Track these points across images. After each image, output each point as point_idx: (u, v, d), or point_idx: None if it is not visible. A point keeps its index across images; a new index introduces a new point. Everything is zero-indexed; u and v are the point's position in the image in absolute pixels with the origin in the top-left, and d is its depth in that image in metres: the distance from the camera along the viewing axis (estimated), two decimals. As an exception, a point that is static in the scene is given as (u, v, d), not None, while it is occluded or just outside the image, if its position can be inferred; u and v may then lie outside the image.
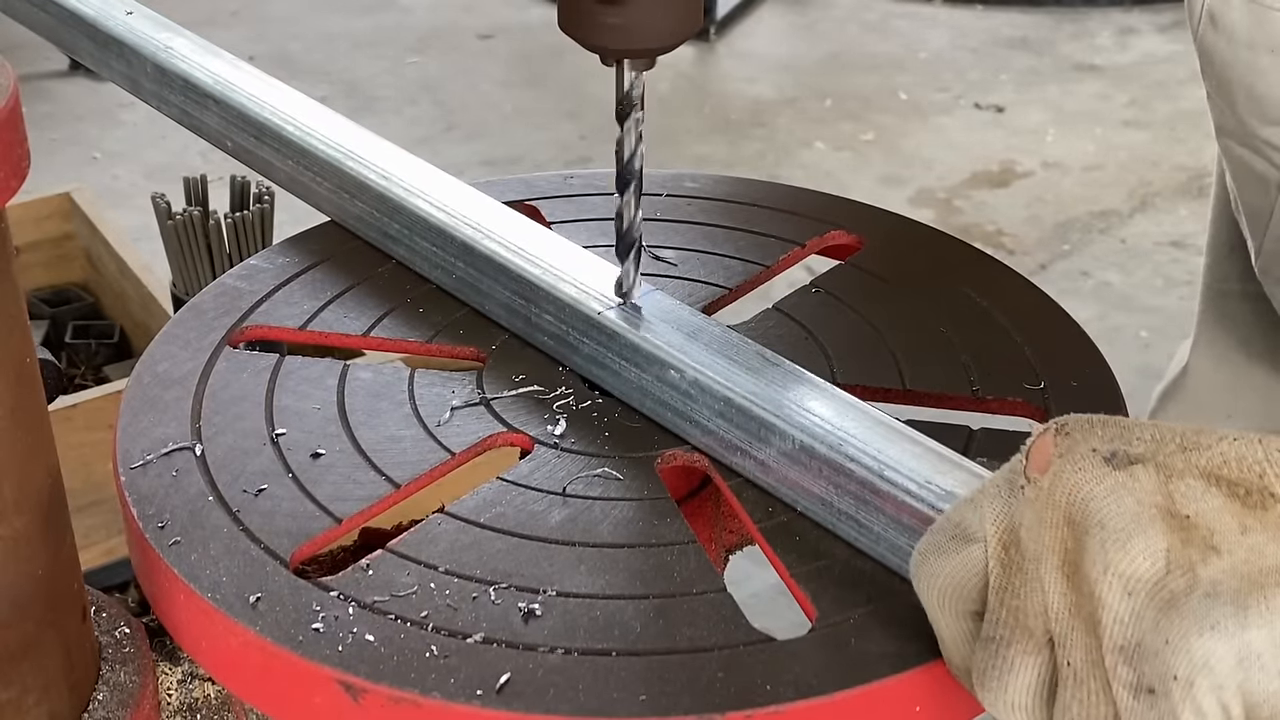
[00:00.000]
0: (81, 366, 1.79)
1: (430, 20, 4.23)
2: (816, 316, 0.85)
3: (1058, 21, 4.22)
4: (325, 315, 0.85)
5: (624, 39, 0.71)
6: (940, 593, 0.57)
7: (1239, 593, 0.49)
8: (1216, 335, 1.32)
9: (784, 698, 0.58)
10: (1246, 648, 0.48)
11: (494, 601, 0.64)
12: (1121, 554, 0.51)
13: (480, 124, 3.60)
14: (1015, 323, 0.84)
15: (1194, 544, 0.50)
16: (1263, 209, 1.09)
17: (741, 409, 0.71)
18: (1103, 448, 0.53)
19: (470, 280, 0.85)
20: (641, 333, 0.76)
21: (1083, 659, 0.52)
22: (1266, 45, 1.00)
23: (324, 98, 1.01)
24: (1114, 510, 0.51)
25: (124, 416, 0.76)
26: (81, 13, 1.08)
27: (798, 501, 0.69)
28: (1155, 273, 2.96)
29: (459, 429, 0.75)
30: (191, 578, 0.65)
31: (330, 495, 0.70)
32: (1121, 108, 3.70)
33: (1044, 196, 3.26)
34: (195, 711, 0.77)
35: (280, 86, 0.98)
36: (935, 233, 0.95)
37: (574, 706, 0.58)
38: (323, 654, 0.60)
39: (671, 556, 0.67)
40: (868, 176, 3.34)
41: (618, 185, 0.76)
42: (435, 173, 0.90)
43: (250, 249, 1.53)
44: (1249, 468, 0.52)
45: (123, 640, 0.74)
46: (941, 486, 0.64)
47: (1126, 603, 0.50)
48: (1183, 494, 0.51)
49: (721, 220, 0.95)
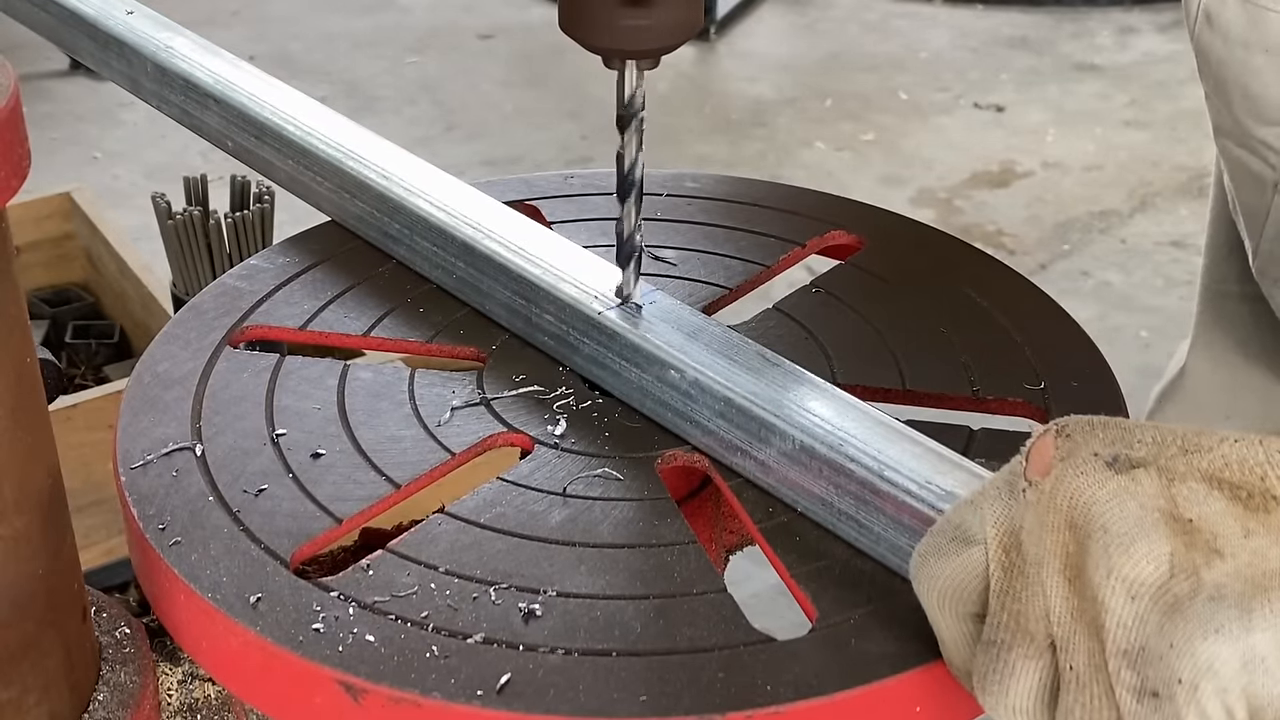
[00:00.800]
0: (81, 366, 1.79)
1: (430, 20, 4.23)
2: (816, 316, 0.85)
3: (1058, 21, 4.22)
4: (325, 315, 0.85)
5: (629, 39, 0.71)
6: (940, 595, 0.57)
7: (1243, 596, 0.49)
8: (1215, 336, 1.32)
9: (784, 698, 0.58)
10: (1251, 651, 0.48)
11: (494, 602, 0.64)
12: (1125, 558, 0.51)
13: (480, 124, 3.60)
14: (1015, 323, 0.84)
15: (1197, 548, 0.50)
16: (1259, 209, 1.09)
17: (742, 409, 0.71)
18: (1104, 451, 0.53)
19: (470, 280, 0.85)
20: (642, 333, 0.76)
21: (1085, 663, 0.52)
22: (1261, 45, 1.00)
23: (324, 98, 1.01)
24: (1117, 514, 0.51)
25: (124, 416, 0.76)
26: (82, 12, 1.08)
27: (798, 502, 0.69)
28: (1155, 273, 2.96)
29: (459, 429, 0.75)
30: (192, 578, 0.65)
31: (330, 495, 0.70)
32: (1122, 107, 3.70)
33: (1044, 196, 3.26)
34: (195, 712, 0.77)
35: (281, 86, 0.98)
36: (935, 233, 0.95)
37: (574, 707, 0.58)
38: (323, 654, 0.60)
39: (671, 557, 0.67)
40: (868, 176, 3.34)
41: (618, 194, 0.76)
42: (435, 173, 0.90)
43: (250, 249, 1.53)
44: (1250, 470, 0.52)
45: (123, 640, 0.74)
46: (942, 487, 0.64)
47: (1130, 607, 0.50)
48: (1185, 497, 0.51)
49: (722, 220, 0.95)
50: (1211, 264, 1.33)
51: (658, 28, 0.70)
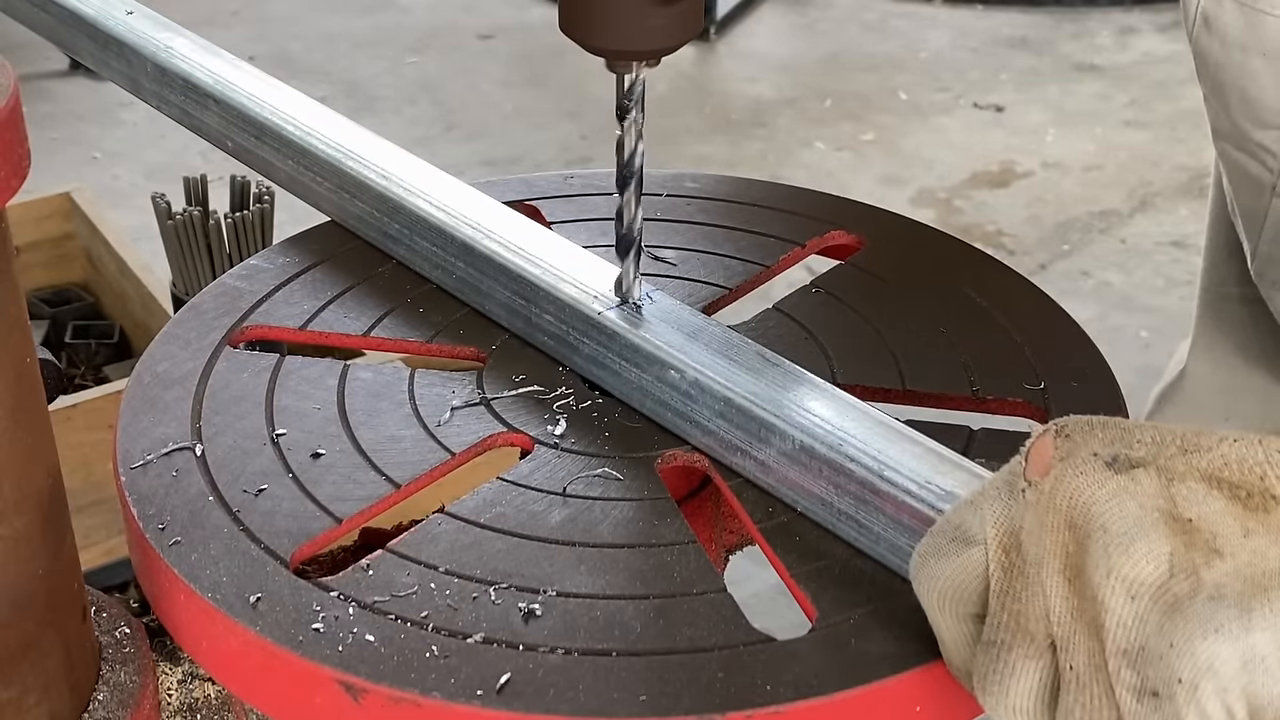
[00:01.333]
0: (81, 366, 1.79)
1: (430, 20, 4.23)
2: (816, 316, 0.85)
3: (1058, 21, 4.22)
4: (325, 315, 0.85)
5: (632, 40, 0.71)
6: (940, 595, 0.57)
7: (1243, 595, 0.49)
8: (1214, 339, 1.32)
9: (784, 698, 0.58)
10: (1251, 650, 0.48)
11: (494, 601, 0.64)
12: (1125, 558, 0.51)
13: (480, 124, 3.60)
14: (1015, 323, 0.84)
15: (1197, 547, 0.50)
16: (1258, 211, 1.09)
17: (742, 409, 0.71)
18: (1104, 451, 0.53)
19: (470, 280, 0.85)
20: (641, 333, 0.76)
21: (1085, 663, 0.52)
22: (1258, 48, 1.00)
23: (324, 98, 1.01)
24: (1116, 514, 0.51)
25: (124, 416, 0.76)
26: (82, 12, 1.08)
27: (798, 502, 0.69)
28: (1155, 273, 2.96)
29: (459, 429, 0.75)
30: (191, 578, 0.65)
31: (330, 495, 0.70)
32: (1121, 108, 3.70)
33: (1044, 196, 3.26)
34: (195, 712, 0.77)
35: (280, 86, 0.98)
36: (935, 233, 0.95)
37: (574, 707, 0.58)
38: (323, 654, 0.60)
39: (671, 556, 0.67)
40: (868, 176, 3.34)
41: (618, 184, 0.76)
42: (435, 173, 0.90)
43: (250, 249, 1.53)
44: (1250, 470, 0.52)
45: (123, 640, 0.74)
46: (941, 487, 0.64)
47: (1130, 607, 0.50)
48: (1185, 497, 0.51)
49: (721, 220, 0.95)
50: (1211, 266, 1.33)
51: (660, 29, 0.70)
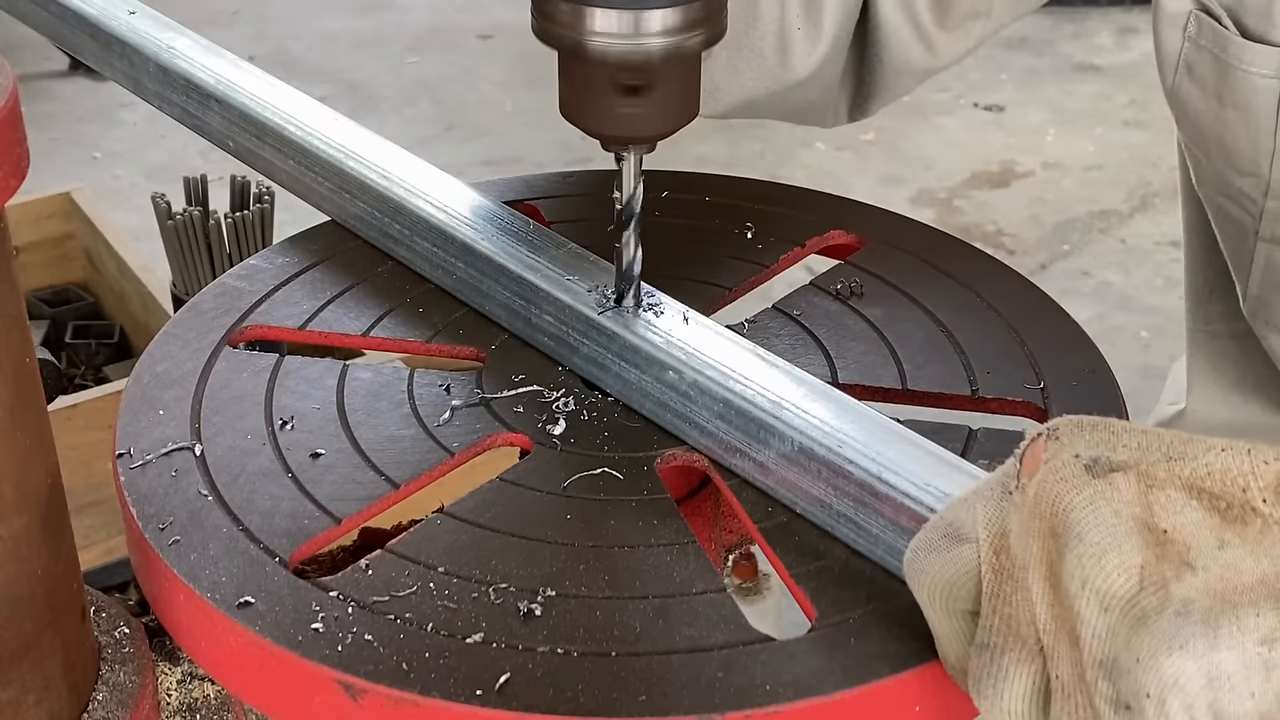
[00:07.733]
0: (81, 366, 1.79)
1: (430, 20, 4.24)
2: (816, 316, 0.85)
3: (1058, 21, 4.22)
4: (325, 315, 0.85)
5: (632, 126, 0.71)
6: (931, 589, 0.58)
7: (1210, 612, 0.48)
8: (1209, 377, 1.30)
9: (784, 698, 0.58)
10: (1216, 668, 0.48)
11: (494, 601, 0.64)
12: (1097, 569, 0.50)
13: (480, 124, 3.61)
14: (1015, 323, 0.84)
15: (1169, 559, 0.50)
16: (1244, 255, 1.09)
17: (740, 411, 0.71)
18: (1085, 454, 0.53)
19: (470, 280, 0.85)
20: (641, 333, 0.76)
21: (1069, 672, 0.52)
22: (1230, 101, 1.01)
23: (324, 98, 1.01)
24: (1091, 522, 0.51)
25: (124, 416, 0.76)
26: (84, 12, 1.08)
27: (796, 503, 0.69)
28: (1155, 273, 2.97)
29: (459, 429, 0.75)
30: (191, 578, 0.65)
31: (330, 495, 0.70)
32: (1121, 108, 3.70)
33: (1044, 196, 3.26)
34: (195, 711, 0.77)
35: (281, 87, 0.98)
36: (935, 233, 0.95)
37: (574, 707, 0.58)
38: (322, 654, 0.60)
39: (671, 556, 0.67)
40: (868, 176, 3.35)
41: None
42: (435, 173, 0.90)
43: (250, 249, 1.53)
44: (1233, 480, 0.51)
45: (122, 640, 0.74)
46: (940, 489, 0.64)
47: (1102, 619, 0.50)
48: (1162, 506, 0.51)
49: (721, 220, 0.95)
50: (1194, 307, 1.32)
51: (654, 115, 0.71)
